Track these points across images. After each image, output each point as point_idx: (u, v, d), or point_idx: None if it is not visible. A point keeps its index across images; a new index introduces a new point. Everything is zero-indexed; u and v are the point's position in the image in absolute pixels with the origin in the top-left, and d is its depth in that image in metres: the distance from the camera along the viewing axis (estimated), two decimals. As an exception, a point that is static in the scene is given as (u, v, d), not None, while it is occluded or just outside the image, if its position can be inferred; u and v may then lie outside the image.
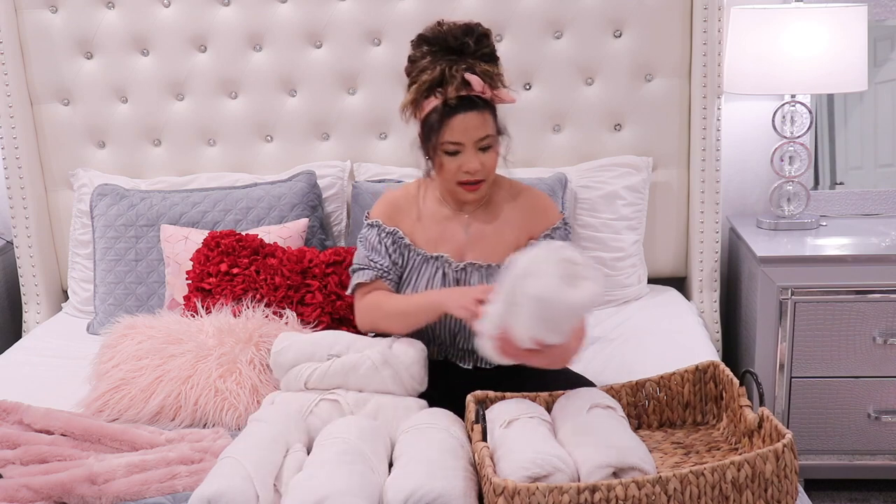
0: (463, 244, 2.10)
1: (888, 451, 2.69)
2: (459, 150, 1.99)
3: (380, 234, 2.12)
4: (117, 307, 2.74)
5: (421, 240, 2.11)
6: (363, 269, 2.12)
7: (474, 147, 1.99)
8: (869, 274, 2.61)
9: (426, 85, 1.97)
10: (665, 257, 2.98)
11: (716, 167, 2.84)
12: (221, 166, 3.00)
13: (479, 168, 2.00)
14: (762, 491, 1.55)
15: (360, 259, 2.13)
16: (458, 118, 1.96)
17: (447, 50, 1.98)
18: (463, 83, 1.94)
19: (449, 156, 2.00)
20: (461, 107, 1.95)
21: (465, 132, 1.97)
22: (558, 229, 2.11)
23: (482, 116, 1.98)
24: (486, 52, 1.99)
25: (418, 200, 2.15)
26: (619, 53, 2.85)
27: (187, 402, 2.14)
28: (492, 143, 2.01)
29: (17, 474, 1.83)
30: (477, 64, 1.96)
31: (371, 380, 2.00)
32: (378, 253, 2.11)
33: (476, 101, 1.96)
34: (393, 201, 2.16)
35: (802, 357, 2.65)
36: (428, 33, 2.01)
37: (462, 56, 1.97)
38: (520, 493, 1.49)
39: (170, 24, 2.90)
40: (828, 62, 2.68)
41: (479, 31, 2.00)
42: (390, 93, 2.91)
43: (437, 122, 1.97)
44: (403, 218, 2.13)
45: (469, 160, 1.99)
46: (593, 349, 2.49)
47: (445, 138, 1.97)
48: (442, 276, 2.08)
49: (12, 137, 2.94)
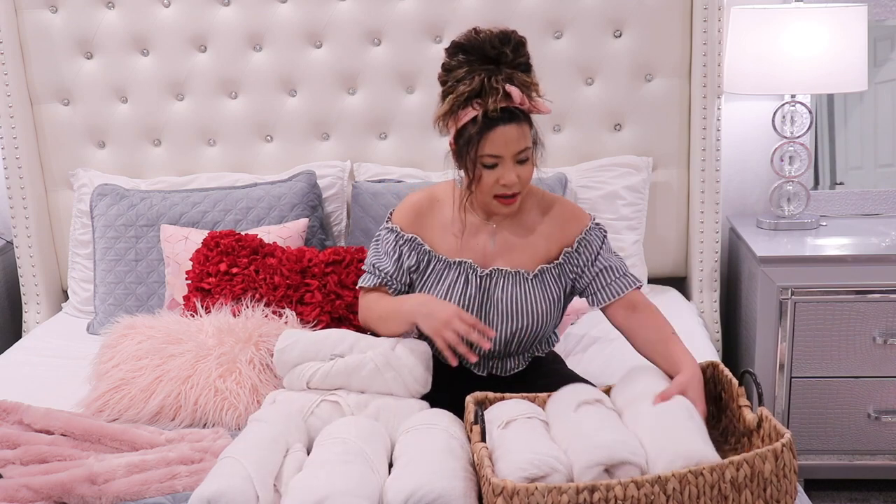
0: (488, 253, 2.05)
1: (888, 451, 2.69)
2: (497, 163, 1.92)
3: (397, 240, 2.07)
4: (117, 307, 2.74)
5: (443, 246, 2.06)
6: (372, 271, 2.10)
7: (513, 160, 1.92)
8: (869, 274, 2.61)
9: (464, 96, 1.89)
10: (665, 257, 2.98)
11: (716, 167, 2.84)
12: (221, 166, 3.01)
13: (517, 181, 1.94)
14: (761, 490, 1.55)
15: (368, 264, 2.11)
16: (499, 131, 1.88)
17: (484, 59, 1.90)
18: (504, 95, 1.88)
19: (487, 168, 1.93)
20: (501, 119, 1.88)
21: (505, 145, 1.90)
22: (591, 230, 2.06)
23: (521, 129, 1.91)
24: (522, 62, 1.93)
25: (443, 206, 2.08)
26: (619, 53, 2.85)
27: (187, 402, 2.14)
28: (529, 155, 1.95)
29: (17, 474, 1.83)
30: (515, 74, 1.90)
31: (374, 381, 1.99)
32: (389, 258, 2.07)
33: (515, 112, 1.90)
34: (416, 206, 2.09)
35: (802, 357, 2.65)
36: (464, 41, 1.92)
37: (499, 66, 1.90)
38: (519, 494, 1.49)
39: (170, 24, 2.90)
40: (828, 62, 2.68)
41: (516, 39, 1.93)
42: (390, 93, 2.91)
43: (475, 135, 1.89)
44: (426, 223, 2.08)
45: (507, 173, 1.93)
46: (593, 349, 2.49)
47: (485, 151, 1.90)
48: (465, 282, 2.03)
49: (12, 137, 2.94)
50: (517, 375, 2.12)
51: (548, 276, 2.04)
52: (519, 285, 2.02)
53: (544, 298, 2.03)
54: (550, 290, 2.04)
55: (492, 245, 2.05)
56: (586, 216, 2.09)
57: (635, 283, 2.03)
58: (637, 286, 2.03)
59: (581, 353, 2.50)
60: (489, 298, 2.03)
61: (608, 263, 2.03)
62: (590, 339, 2.53)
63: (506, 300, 2.02)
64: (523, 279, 2.03)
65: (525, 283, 2.03)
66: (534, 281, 2.03)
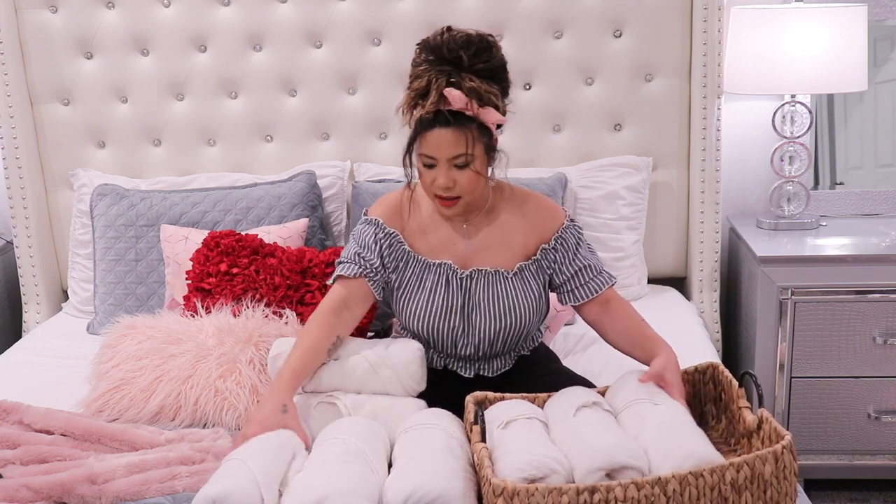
0: (464, 252, 2.05)
1: (888, 451, 2.69)
2: (434, 164, 1.93)
3: (377, 232, 2.04)
4: (117, 307, 2.74)
5: (421, 246, 2.06)
6: (348, 261, 2.04)
7: (448, 164, 1.91)
8: (869, 274, 2.61)
9: (413, 94, 1.91)
10: (665, 257, 2.98)
11: (716, 167, 2.84)
12: (221, 166, 3.00)
13: (451, 185, 1.93)
14: (761, 492, 1.55)
15: (349, 254, 2.05)
16: (434, 133, 1.89)
17: (442, 60, 1.89)
18: (439, 98, 1.87)
19: (425, 168, 1.95)
20: (437, 121, 1.88)
21: (437, 147, 1.90)
22: (568, 229, 2.06)
23: (458, 134, 1.88)
24: (482, 68, 1.89)
25: (419, 206, 2.08)
26: (619, 53, 2.85)
27: (187, 402, 2.14)
28: (468, 161, 1.92)
29: (17, 474, 1.83)
30: (467, 79, 1.87)
31: (369, 381, 1.99)
32: (370, 251, 2.03)
33: (455, 116, 1.87)
34: (393, 204, 2.08)
35: (802, 357, 2.65)
36: (430, 40, 1.92)
37: (456, 69, 1.88)
38: (519, 495, 1.49)
39: (170, 24, 2.90)
40: (828, 62, 2.68)
41: (480, 44, 1.90)
42: (390, 93, 2.91)
43: (413, 134, 1.93)
44: (402, 222, 2.07)
45: (440, 176, 1.92)
46: (593, 349, 2.49)
47: (421, 150, 1.93)
48: (446, 284, 2.03)
49: (12, 137, 2.94)
50: (504, 375, 2.12)
51: (527, 273, 2.04)
52: (499, 284, 2.02)
53: (526, 296, 2.03)
54: (531, 287, 2.04)
55: (466, 244, 2.05)
56: (561, 213, 2.09)
57: (610, 280, 2.06)
58: (611, 283, 2.06)
59: (581, 352, 2.50)
60: (470, 299, 2.03)
61: (585, 262, 2.05)
62: (589, 339, 2.53)
63: (487, 300, 2.02)
64: (503, 278, 2.03)
65: (505, 281, 2.03)
66: (514, 279, 2.03)
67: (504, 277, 2.03)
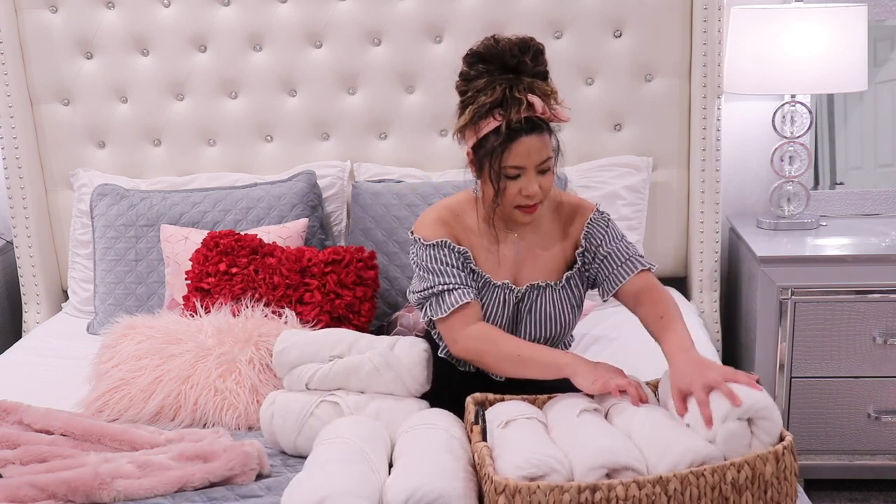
0: (516, 264, 2.02)
1: (888, 451, 2.69)
2: (520, 174, 1.89)
3: (451, 253, 1.96)
4: (117, 307, 2.74)
5: (483, 262, 2.01)
6: (457, 287, 1.94)
7: (535, 170, 1.88)
8: (869, 274, 2.61)
9: (486, 107, 1.86)
10: (665, 257, 2.98)
11: (716, 167, 2.84)
12: (221, 166, 3.00)
13: (538, 191, 1.91)
14: (762, 492, 1.55)
15: (445, 279, 1.94)
16: (522, 142, 1.85)
17: (504, 68, 1.86)
18: (527, 106, 1.85)
19: (509, 179, 1.90)
20: (524, 130, 1.85)
21: (527, 156, 1.87)
22: (593, 221, 2.02)
23: (542, 139, 1.87)
24: (541, 70, 1.90)
25: (464, 220, 2.03)
26: (619, 53, 2.85)
27: (187, 402, 2.14)
28: (551, 165, 1.92)
29: (17, 474, 1.83)
30: (535, 83, 1.87)
31: (373, 382, 1.99)
32: (459, 272, 1.95)
33: (537, 123, 1.86)
34: (443, 221, 2.00)
35: (802, 357, 2.65)
36: (482, 50, 1.88)
37: (519, 75, 1.87)
38: (521, 492, 1.49)
39: (170, 24, 2.90)
40: (828, 62, 2.68)
41: (536, 47, 1.89)
42: (390, 93, 2.91)
43: (498, 146, 1.85)
44: (460, 240, 2.01)
45: (530, 184, 1.89)
46: (594, 349, 2.49)
47: (508, 162, 1.87)
48: (503, 302, 2.00)
49: (12, 137, 2.94)
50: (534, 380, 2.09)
51: (573, 282, 2.03)
52: (550, 297, 2.01)
53: (571, 306, 2.04)
54: (575, 295, 2.04)
55: (516, 255, 2.03)
56: (587, 207, 2.06)
57: (636, 266, 1.98)
58: (642, 269, 1.97)
59: (581, 352, 2.49)
60: (520, 313, 2.02)
61: (609, 250, 2.00)
62: (590, 339, 2.54)
63: (537, 312, 2.01)
64: (552, 290, 2.01)
65: (555, 293, 2.02)
66: (562, 291, 2.02)
67: (553, 290, 2.02)
